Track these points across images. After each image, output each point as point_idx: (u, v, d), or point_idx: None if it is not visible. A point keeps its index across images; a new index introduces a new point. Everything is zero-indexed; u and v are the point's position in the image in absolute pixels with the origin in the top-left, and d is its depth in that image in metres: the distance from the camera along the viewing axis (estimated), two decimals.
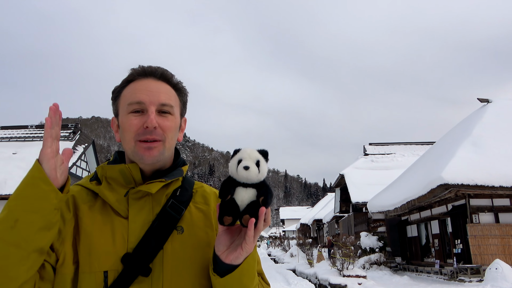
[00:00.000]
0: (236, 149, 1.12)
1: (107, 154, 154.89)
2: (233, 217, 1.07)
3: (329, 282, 15.33)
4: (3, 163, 24.83)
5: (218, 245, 1.10)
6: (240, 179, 1.07)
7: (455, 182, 14.85)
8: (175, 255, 1.17)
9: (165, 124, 1.21)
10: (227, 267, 1.10)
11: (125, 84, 1.27)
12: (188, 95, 1.35)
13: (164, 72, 1.27)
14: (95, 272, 1.10)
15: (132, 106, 1.21)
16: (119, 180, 1.21)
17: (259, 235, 1.08)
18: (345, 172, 31.05)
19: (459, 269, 15.68)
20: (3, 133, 30.20)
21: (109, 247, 1.13)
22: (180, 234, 1.20)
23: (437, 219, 19.05)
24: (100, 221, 1.17)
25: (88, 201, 1.21)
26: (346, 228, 31.38)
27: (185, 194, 1.28)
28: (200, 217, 1.28)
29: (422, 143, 36.36)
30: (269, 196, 1.08)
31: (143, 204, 1.20)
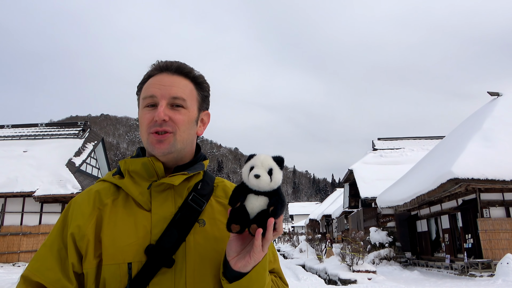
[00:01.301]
0: (251, 155, 1.10)
1: (116, 151, 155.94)
2: (241, 225, 1.05)
3: (338, 277, 15.33)
4: (14, 161, 25.09)
5: (229, 250, 1.10)
6: (252, 187, 1.06)
7: (465, 177, 14.75)
8: (197, 247, 1.18)
9: (177, 117, 1.23)
10: (236, 274, 1.09)
11: (145, 79, 1.30)
12: (209, 88, 1.37)
13: (180, 66, 1.29)
14: (119, 264, 1.12)
15: (146, 101, 1.25)
16: (142, 174, 1.23)
17: (268, 244, 1.06)
18: (354, 168, 30.94)
19: (469, 264, 15.59)
20: (14, 131, 30.48)
21: (132, 239, 1.15)
22: (202, 226, 1.22)
23: (447, 214, 18.94)
24: (123, 214, 1.19)
25: (111, 195, 1.24)
26: (356, 223, 31.31)
27: (206, 188, 1.29)
28: (221, 210, 1.29)
29: (432, 138, 36.10)
30: (280, 206, 1.05)
31: (165, 197, 1.22)
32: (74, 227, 1.17)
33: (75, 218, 1.19)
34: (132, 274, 1.11)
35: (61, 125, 32.33)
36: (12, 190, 22.62)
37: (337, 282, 15.31)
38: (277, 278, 1.32)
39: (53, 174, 23.71)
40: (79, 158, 26.68)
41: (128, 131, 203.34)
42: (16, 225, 23.07)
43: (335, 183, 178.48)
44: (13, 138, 29.33)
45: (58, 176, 23.55)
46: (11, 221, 23.20)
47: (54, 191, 22.40)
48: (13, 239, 22.58)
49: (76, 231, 1.16)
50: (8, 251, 22.29)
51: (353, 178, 30.91)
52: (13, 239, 22.57)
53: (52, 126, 31.63)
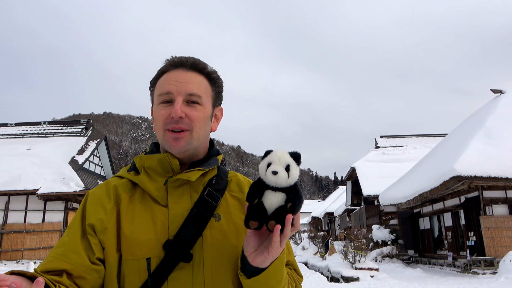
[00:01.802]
0: (267, 151, 1.09)
1: (119, 149, 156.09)
2: (259, 221, 1.05)
3: (341, 274, 15.35)
4: (17, 159, 25.15)
5: (246, 246, 1.10)
6: (269, 183, 1.05)
7: (468, 174, 14.73)
8: (214, 241, 1.19)
9: (193, 114, 1.23)
10: (254, 269, 1.10)
11: (159, 75, 1.30)
12: (223, 85, 1.37)
13: (195, 62, 1.29)
14: (138, 259, 1.13)
15: (161, 97, 1.24)
16: (158, 170, 1.24)
17: (286, 240, 1.06)
18: (357, 165, 30.93)
19: (472, 262, 15.58)
20: (17, 129, 30.56)
21: (150, 235, 1.16)
22: (218, 221, 1.23)
23: (450, 211, 18.92)
24: (140, 210, 1.21)
25: (128, 191, 1.25)
26: (358, 221, 31.32)
27: (221, 183, 1.30)
28: (236, 204, 1.30)
29: (434, 135, 36.05)
30: (298, 202, 1.05)
31: (181, 192, 1.23)
32: (96, 220, 1.18)
33: (96, 211, 1.20)
34: (151, 269, 1.13)
35: (64, 123, 32.38)
36: (15, 188, 22.69)
37: (340, 279, 15.34)
38: (292, 271, 1.33)
39: (56, 172, 23.78)
40: (82, 156, 26.74)
41: (131, 129, 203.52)
42: (20, 223, 23.16)
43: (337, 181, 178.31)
44: (16, 136, 29.42)
45: (61, 174, 23.61)
46: (14, 219, 23.29)
47: (57, 189, 22.47)
48: (16, 236, 22.68)
49: (98, 224, 1.17)
50: (12, 249, 22.39)
51: (355, 176, 30.90)
52: (16, 237, 22.67)
53: (55, 124, 31.70)
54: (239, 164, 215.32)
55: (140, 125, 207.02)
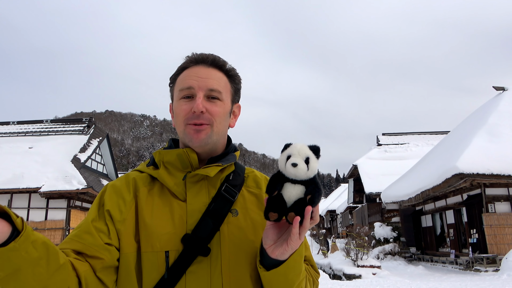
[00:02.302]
0: (287, 144, 1.10)
1: (121, 147, 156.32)
2: (279, 213, 1.06)
3: (343, 272, 15.37)
4: (19, 158, 25.19)
5: (265, 238, 1.11)
6: (289, 175, 1.06)
7: (470, 172, 14.71)
8: (231, 236, 1.20)
9: (213, 109, 1.25)
10: (273, 261, 1.11)
11: (180, 71, 1.32)
12: (241, 82, 1.39)
13: (215, 59, 1.31)
14: (157, 252, 1.15)
15: (182, 92, 1.26)
16: (177, 165, 1.26)
17: (305, 232, 1.07)
18: (358, 163, 30.91)
19: (474, 259, 15.57)
20: (19, 127, 30.59)
21: (169, 228, 1.17)
22: (235, 216, 1.24)
23: (452, 209, 18.91)
24: (159, 204, 1.22)
25: (147, 185, 1.26)
26: (360, 218, 31.31)
27: (238, 179, 1.31)
28: (253, 200, 1.31)
29: (437, 133, 35.98)
30: (317, 194, 1.06)
31: (200, 188, 1.24)
32: (114, 209, 1.19)
33: (115, 200, 1.21)
34: (170, 262, 1.14)
35: (66, 121, 32.41)
36: (18, 186, 22.74)
37: (342, 277, 15.35)
38: (309, 266, 1.34)
39: (59, 170, 23.82)
40: (84, 154, 26.76)
41: (133, 127, 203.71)
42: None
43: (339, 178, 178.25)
44: (19, 134, 29.46)
45: (63, 172, 23.65)
46: None
47: (60, 187, 22.51)
48: None
49: (116, 213, 1.19)
50: None
51: (357, 174, 30.88)
52: None
53: (57, 123, 31.72)
54: (241, 162, 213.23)
55: (142, 123, 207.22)
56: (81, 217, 24.64)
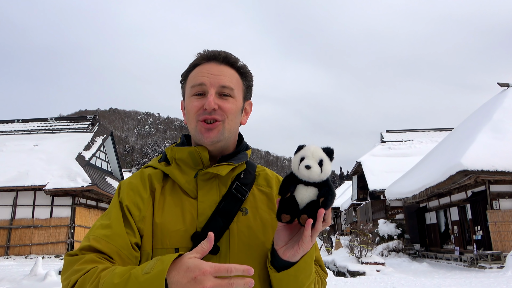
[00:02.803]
0: (300, 145, 1.10)
1: (125, 145, 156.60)
2: (291, 215, 1.06)
3: (347, 269, 15.37)
4: (25, 155, 25.33)
5: (277, 240, 1.12)
6: (302, 177, 1.06)
7: (474, 168, 14.67)
8: (240, 235, 1.20)
9: (226, 106, 1.25)
10: (284, 263, 1.11)
11: (191, 68, 1.32)
12: (253, 79, 1.38)
13: (227, 56, 1.31)
14: (167, 249, 1.15)
15: (194, 89, 1.26)
16: (188, 162, 1.26)
17: (317, 234, 1.07)
18: (362, 160, 30.87)
19: (479, 256, 15.54)
20: (24, 125, 30.75)
21: (179, 226, 1.18)
22: (245, 215, 1.24)
23: (456, 206, 18.86)
24: (170, 201, 1.22)
25: (161, 181, 1.27)
26: (364, 215, 31.29)
27: (249, 177, 1.31)
28: (263, 199, 1.31)
29: (441, 130, 35.86)
30: (330, 197, 1.06)
31: (211, 186, 1.24)
32: (134, 208, 1.19)
33: (134, 199, 1.21)
34: None
35: (71, 119, 32.57)
36: (23, 184, 22.87)
37: (346, 274, 15.36)
38: (317, 266, 1.33)
39: (63, 168, 23.94)
40: (89, 151, 26.88)
41: (137, 125, 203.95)
42: (28, 218, 23.36)
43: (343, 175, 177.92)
44: (24, 132, 29.61)
45: (68, 169, 23.77)
46: (22, 214, 23.50)
47: (65, 185, 22.62)
48: (25, 232, 22.88)
49: (136, 212, 1.19)
50: (20, 244, 22.60)
51: (361, 171, 30.86)
52: (25, 232, 22.87)
53: (62, 121, 31.86)
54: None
55: (146, 120, 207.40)
56: (86, 215, 24.76)
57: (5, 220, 23.24)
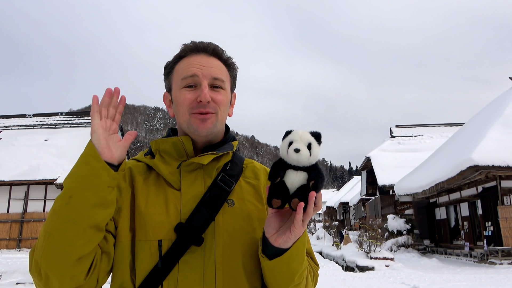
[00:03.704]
0: (288, 131, 1.09)
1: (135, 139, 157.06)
2: (282, 200, 1.05)
3: (356, 264, 15.38)
4: (36, 150, 25.57)
5: (268, 227, 1.10)
6: (291, 162, 1.05)
7: (485, 164, 14.55)
8: (226, 226, 1.19)
9: (218, 98, 1.24)
10: (276, 250, 1.10)
11: (177, 60, 1.29)
12: (237, 70, 1.37)
13: (215, 48, 1.29)
14: (150, 241, 1.14)
15: (185, 81, 1.24)
16: (172, 153, 1.25)
17: (308, 219, 1.06)
18: (372, 155, 30.73)
19: (489, 252, 15.45)
20: (35, 120, 31.00)
21: (163, 217, 1.16)
22: (231, 207, 1.22)
23: (466, 201, 18.74)
24: (154, 193, 1.21)
25: (143, 174, 1.25)
26: (373, 210, 31.19)
27: (235, 169, 1.30)
28: (250, 191, 1.29)
29: (451, 125, 35.53)
30: (320, 180, 1.04)
31: (195, 177, 1.23)
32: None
33: None
34: (163, 251, 1.13)
35: (81, 114, 32.77)
36: (34, 178, 23.12)
37: (355, 269, 15.37)
38: (308, 258, 1.32)
39: (74, 162, 23.76)
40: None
41: (146, 120, 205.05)
42: (39, 212, 23.64)
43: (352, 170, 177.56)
44: (35, 127, 29.88)
45: None
46: (34, 208, 23.79)
47: None
48: (36, 225, 23.17)
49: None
50: (31, 237, 22.89)
51: (370, 166, 30.72)
52: (36, 225, 23.16)
53: (72, 115, 32.09)
54: (254, 154, 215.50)
55: (155, 115, 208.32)
56: None
57: (17, 214, 23.55)
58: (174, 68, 1.29)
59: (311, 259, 1.36)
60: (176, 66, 1.29)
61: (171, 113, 1.33)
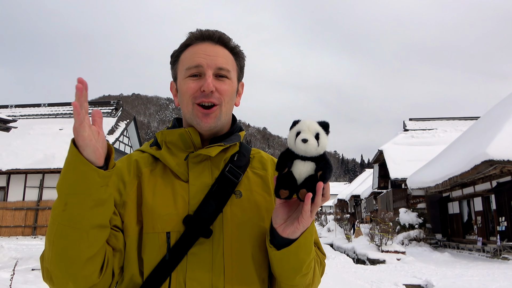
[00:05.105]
0: (295, 120, 1.08)
1: (147, 130, 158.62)
2: (289, 190, 1.04)
3: (367, 256, 15.37)
4: (51, 139, 25.93)
5: (275, 218, 1.10)
6: (298, 152, 1.04)
7: (500, 158, 14.35)
8: (234, 218, 1.18)
9: (222, 88, 1.22)
10: (284, 240, 1.09)
11: (183, 48, 1.28)
12: (245, 59, 1.35)
13: (221, 36, 1.27)
14: (158, 233, 1.13)
15: (190, 71, 1.23)
16: (179, 144, 1.23)
17: (316, 210, 1.05)
18: (384, 148, 30.51)
19: (502, 247, 15.31)
20: (50, 109, 31.38)
21: (171, 209, 1.15)
22: (239, 198, 1.22)
23: (480, 196, 18.55)
24: (161, 185, 1.20)
25: (149, 165, 1.24)
26: (385, 204, 31.05)
27: (243, 159, 1.28)
28: (258, 182, 1.28)
29: (466, 118, 35.06)
30: (328, 170, 1.04)
31: (202, 168, 1.21)
32: (115, 193, 1.16)
33: (115, 184, 1.19)
34: (171, 244, 1.13)
35: (95, 104, 33.08)
36: (49, 166, 23.46)
37: (366, 261, 15.36)
38: (315, 248, 1.31)
39: None
40: (113, 136, 27.33)
41: (159, 110, 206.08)
42: (54, 200, 23.96)
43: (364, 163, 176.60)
44: (50, 116, 30.26)
45: None
46: (49, 196, 24.19)
47: None
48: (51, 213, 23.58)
49: (116, 197, 1.17)
50: (47, 224, 22.94)
51: (383, 159, 30.53)
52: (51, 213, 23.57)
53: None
54: (265, 146, 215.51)
55: (168, 106, 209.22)
56: None
57: (32, 201, 23.98)
58: (180, 57, 1.28)
59: (318, 248, 1.35)
60: (181, 55, 1.27)
61: (176, 102, 1.32)
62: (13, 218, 23.54)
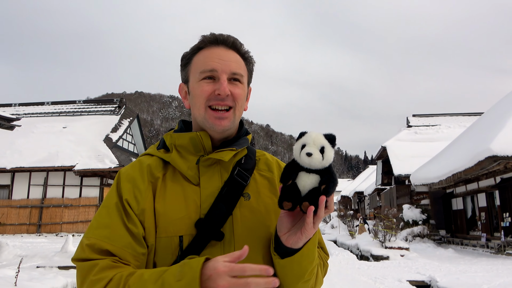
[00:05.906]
0: (302, 132, 1.09)
1: (150, 127, 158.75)
2: (293, 202, 1.06)
3: (371, 253, 15.37)
4: (54, 137, 26.02)
5: (280, 226, 1.12)
6: (303, 165, 1.05)
7: (504, 154, 14.30)
8: (244, 220, 1.20)
9: (236, 92, 1.24)
10: (287, 249, 1.11)
11: (195, 51, 1.28)
12: (254, 64, 1.36)
13: (234, 41, 1.28)
14: (171, 237, 1.14)
15: (204, 74, 1.23)
16: (189, 148, 1.24)
17: (320, 221, 1.06)
18: (387, 144, 30.45)
19: (506, 243, 15.28)
20: (54, 108, 31.49)
21: (183, 213, 1.16)
22: (247, 200, 1.23)
23: (484, 192, 18.50)
24: (172, 188, 1.21)
25: (162, 169, 1.24)
26: (388, 200, 31.02)
27: (250, 162, 1.30)
28: (265, 184, 1.30)
29: (469, 114, 34.97)
30: (332, 184, 1.05)
31: (213, 172, 1.23)
32: (133, 202, 1.16)
33: (131, 191, 1.18)
34: (183, 247, 1.13)
35: (98, 102, 33.14)
36: (53, 164, 23.58)
37: (370, 258, 15.36)
38: (319, 249, 1.33)
39: (92, 149, 24.52)
40: (116, 134, 27.42)
41: (162, 108, 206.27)
42: (58, 198, 24.14)
43: (367, 160, 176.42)
44: (53, 114, 30.36)
45: (96, 151, 24.34)
46: (53, 194, 24.30)
47: (93, 166, 23.20)
48: (55, 210, 23.69)
49: (135, 206, 1.16)
50: (51, 222, 23.42)
51: (386, 155, 30.48)
52: (55, 211, 23.68)
53: (90, 103, 32.47)
54: (268, 143, 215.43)
55: (171, 103, 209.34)
56: None
57: (37, 199, 24.10)
58: (192, 60, 1.28)
59: (321, 248, 1.36)
60: (194, 58, 1.28)
61: (186, 104, 1.32)
62: (18, 216, 23.67)
